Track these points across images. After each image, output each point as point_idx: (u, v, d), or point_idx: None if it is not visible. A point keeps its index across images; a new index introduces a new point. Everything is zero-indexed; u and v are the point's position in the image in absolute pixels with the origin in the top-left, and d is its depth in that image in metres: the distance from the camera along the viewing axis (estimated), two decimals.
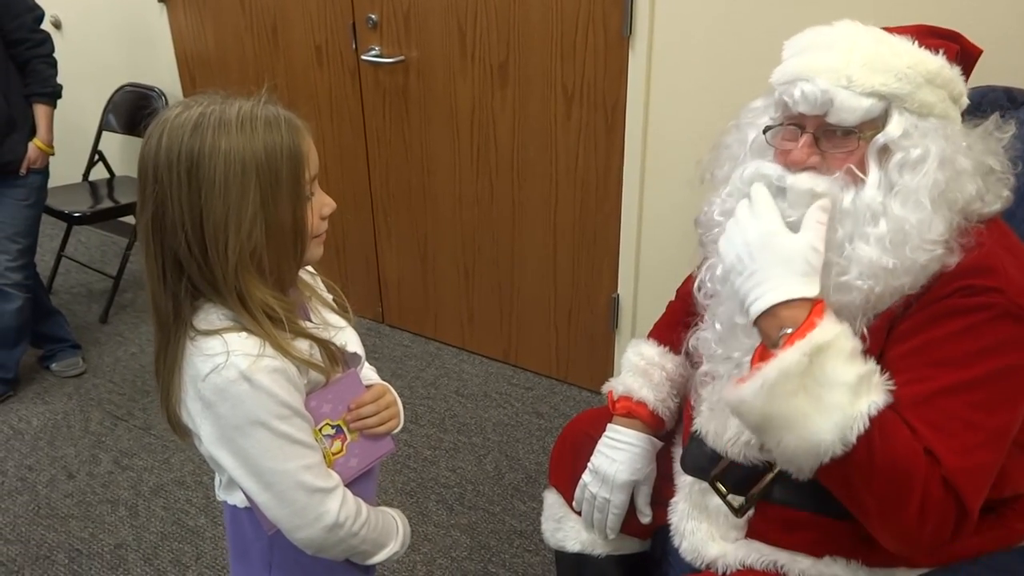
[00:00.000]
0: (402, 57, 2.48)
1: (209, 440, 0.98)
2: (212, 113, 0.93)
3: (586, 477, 1.35)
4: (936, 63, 1.03)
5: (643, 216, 2.24)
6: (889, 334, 1.04)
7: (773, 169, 1.07)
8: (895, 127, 1.02)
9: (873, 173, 1.03)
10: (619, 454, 1.33)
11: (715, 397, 1.17)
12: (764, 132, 1.12)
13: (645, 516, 1.35)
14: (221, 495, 1.12)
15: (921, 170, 1.01)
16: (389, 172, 2.71)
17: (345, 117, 2.72)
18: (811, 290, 0.97)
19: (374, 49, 2.52)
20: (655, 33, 2.02)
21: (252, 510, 1.06)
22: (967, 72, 1.10)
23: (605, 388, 1.43)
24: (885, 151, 1.03)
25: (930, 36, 1.07)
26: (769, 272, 0.98)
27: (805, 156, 1.05)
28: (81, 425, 2.47)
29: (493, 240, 2.58)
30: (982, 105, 1.51)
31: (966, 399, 0.97)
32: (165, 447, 2.35)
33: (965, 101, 1.08)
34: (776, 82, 1.10)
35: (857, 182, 1.04)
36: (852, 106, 1.01)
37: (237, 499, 1.08)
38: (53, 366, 2.72)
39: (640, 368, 1.39)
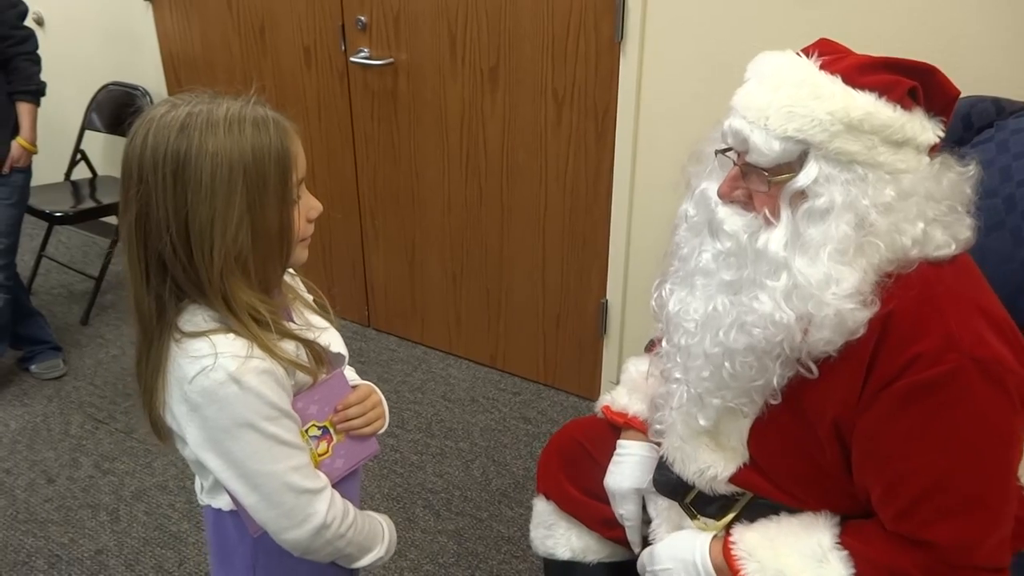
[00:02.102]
0: (391, 59, 2.46)
1: (195, 443, 0.96)
2: (200, 113, 0.91)
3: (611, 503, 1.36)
4: (862, 109, 0.95)
5: (632, 221, 2.24)
6: (851, 404, 1.01)
7: (713, 194, 1.08)
8: (807, 174, 0.97)
9: (783, 221, 1.00)
10: (620, 467, 1.33)
11: (672, 422, 1.18)
12: (716, 154, 1.10)
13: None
14: (204, 499, 1.10)
15: (826, 221, 0.97)
16: (377, 175, 2.70)
17: (333, 119, 2.70)
18: (704, 549, 1.12)
19: (363, 51, 2.50)
20: (647, 39, 2.03)
21: (236, 513, 1.05)
22: (943, 110, 1.02)
23: (599, 404, 1.43)
24: (801, 196, 0.99)
25: (883, 71, 0.98)
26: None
27: (728, 190, 1.06)
28: (61, 428, 2.44)
29: (481, 244, 2.57)
30: (970, 116, 1.53)
31: (957, 485, 0.96)
32: (147, 451, 2.32)
33: (926, 139, 0.99)
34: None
35: (771, 226, 1.02)
36: (765, 149, 0.98)
37: (222, 502, 1.07)
38: (33, 368, 2.68)
39: (634, 382, 1.39)
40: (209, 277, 0.92)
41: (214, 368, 0.91)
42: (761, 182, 1.02)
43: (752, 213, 1.04)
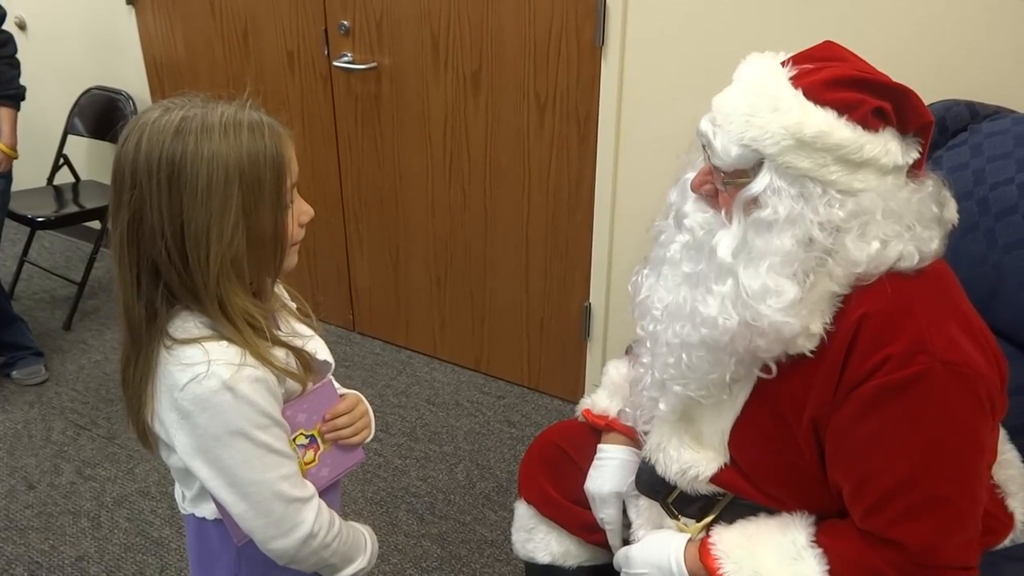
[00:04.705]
0: (374, 64, 2.47)
1: (184, 451, 0.95)
2: (194, 117, 0.91)
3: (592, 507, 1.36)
4: (816, 127, 0.94)
5: (615, 225, 2.25)
6: (815, 402, 1.02)
7: (687, 191, 1.10)
8: (759, 182, 0.98)
9: (734, 226, 1.01)
10: (601, 470, 1.33)
11: (652, 424, 1.20)
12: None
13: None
14: (188, 508, 1.10)
15: (771, 232, 0.98)
16: (361, 179, 2.70)
17: (317, 123, 2.70)
18: (679, 553, 1.12)
19: (346, 55, 2.50)
20: (627, 43, 2.04)
21: (220, 522, 1.04)
22: (920, 132, 1.01)
23: (580, 407, 1.44)
24: (754, 203, 1.00)
25: (851, 88, 0.97)
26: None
27: (699, 184, 1.07)
28: (42, 434, 2.42)
29: (465, 248, 2.57)
30: (945, 120, 1.54)
31: (923, 485, 0.97)
32: (129, 457, 2.30)
33: (889, 161, 0.98)
34: None
35: (726, 228, 1.03)
36: (722, 153, 0.99)
37: (207, 511, 1.06)
38: (14, 374, 2.66)
39: (615, 385, 1.40)
40: (205, 282, 0.92)
41: (207, 376, 0.91)
42: (721, 183, 1.04)
43: (715, 210, 1.06)
